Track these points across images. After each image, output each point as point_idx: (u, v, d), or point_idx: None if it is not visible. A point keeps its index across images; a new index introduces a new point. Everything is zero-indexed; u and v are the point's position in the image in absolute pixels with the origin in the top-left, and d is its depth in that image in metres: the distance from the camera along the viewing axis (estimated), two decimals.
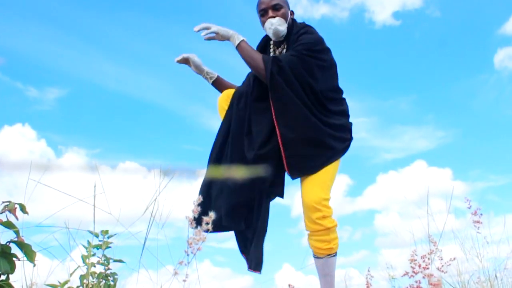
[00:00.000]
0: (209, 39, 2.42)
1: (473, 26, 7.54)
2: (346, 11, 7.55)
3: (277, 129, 2.35)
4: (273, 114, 2.35)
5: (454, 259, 2.48)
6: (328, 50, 2.45)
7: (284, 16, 2.44)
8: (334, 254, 2.33)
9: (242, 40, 2.38)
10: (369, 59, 7.46)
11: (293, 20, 2.53)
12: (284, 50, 2.51)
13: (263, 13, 2.46)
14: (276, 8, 2.43)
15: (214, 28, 2.38)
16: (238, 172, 2.40)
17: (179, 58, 2.56)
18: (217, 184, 2.48)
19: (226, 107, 2.54)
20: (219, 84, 2.64)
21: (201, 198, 1.70)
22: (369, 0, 7.60)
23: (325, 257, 2.31)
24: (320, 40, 2.42)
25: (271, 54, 2.54)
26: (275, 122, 2.35)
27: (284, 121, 2.34)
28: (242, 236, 2.56)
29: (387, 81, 7.45)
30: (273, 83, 2.31)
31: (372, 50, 7.63)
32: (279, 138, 2.34)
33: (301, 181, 2.38)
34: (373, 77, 7.43)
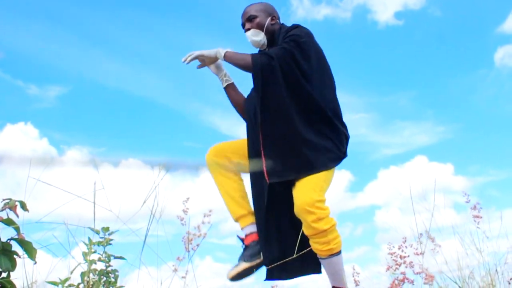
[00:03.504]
0: (201, 67, 2.47)
1: (473, 24, 7.56)
2: (348, 12, 7.55)
3: (260, 126, 2.34)
4: (259, 109, 2.32)
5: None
6: (315, 44, 2.41)
7: (259, 26, 2.49)
8: (337, 253, 2.29)
9: (226, 51, 2.38)
10: (370, 56, 7.47)
11: (281, 24, 2.55)
12: None
13: (243, 27, 2.56)
14: (250, 20, 2.51)
15: (196, 52, 2.40)
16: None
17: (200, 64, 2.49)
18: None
19: (215, 165, 2.50)
20: (231, 90, 2.59)
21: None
22: (371, 0, 7.61)
23: (328, 258, 2.29)
24: (307, 33, 2.39)
25: None
26: (259, 117, 2.33)
27: (266, 116, 2.32)
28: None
29: (387, 77, 7.46)
30: (263, 78, 2.29)
31: (373, 49, 7.64)
32: (260, 134, 2.34)
33: (292, 185, 2.33)
34: (373, 73, 7.43)
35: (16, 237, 1.72)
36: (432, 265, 2.45)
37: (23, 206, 1.76)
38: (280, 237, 2.43)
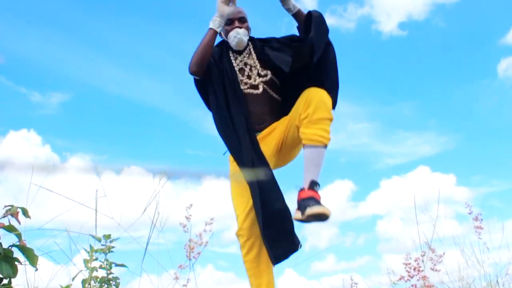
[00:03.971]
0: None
1: (476, 36, 7.59)
2: (352, 22, 7.59)
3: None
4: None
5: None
6: None
7: (247, 29, 2.61)
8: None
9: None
10: (374, 66, 7.49)
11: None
12: (245, 59, 2.60)
13: (229, 23, 2.59)
14: (242, 20, 2.60)
15: None
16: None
17: None
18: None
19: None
20: (214, 38, 2.55)
21: None
22: (376, 11, 7.65)
23: (322, 147, 2.32)
24: None
25: (232, 61, 2.60)
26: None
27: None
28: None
29: (391, 86, 7.47)
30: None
31: (377, 59, 7.66)
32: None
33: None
34: (377, 82, 7.45)
35: (18, 243, 1.72)
36: (433, 275, 2.45)
37: (25, 212, 1.77)
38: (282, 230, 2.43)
